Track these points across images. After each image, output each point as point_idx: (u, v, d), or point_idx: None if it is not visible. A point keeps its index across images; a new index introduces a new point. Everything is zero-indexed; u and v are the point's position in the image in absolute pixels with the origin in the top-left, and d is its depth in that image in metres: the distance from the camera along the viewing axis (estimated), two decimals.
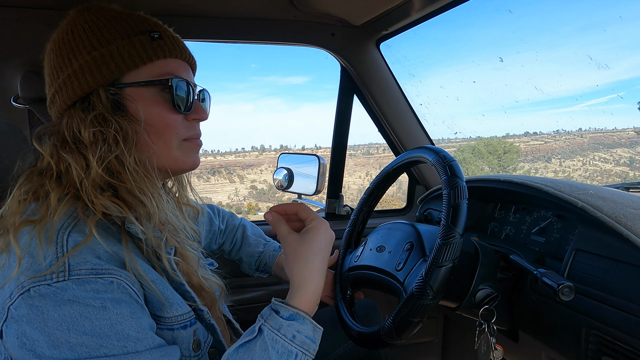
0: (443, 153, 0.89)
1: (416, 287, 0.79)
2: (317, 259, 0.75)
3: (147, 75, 0.72)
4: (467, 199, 0.81)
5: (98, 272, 0.58)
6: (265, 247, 1.25)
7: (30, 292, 0.54)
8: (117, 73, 0.69)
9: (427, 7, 1.27)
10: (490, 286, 0.92)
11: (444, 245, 0.78)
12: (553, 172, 8.09)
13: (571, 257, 0.88)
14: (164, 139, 0.73)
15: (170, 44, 0.74)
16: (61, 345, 0.54)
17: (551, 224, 1.03)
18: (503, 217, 1.21)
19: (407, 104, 1.65)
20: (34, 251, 0.57)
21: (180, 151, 0.76)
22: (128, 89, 0.71)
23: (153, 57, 0.71)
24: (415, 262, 0.90)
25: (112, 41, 0.70)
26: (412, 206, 1.82)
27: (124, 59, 0.69)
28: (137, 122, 0.70)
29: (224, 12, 1.33)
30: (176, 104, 0.73)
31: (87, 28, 0.70)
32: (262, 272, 1.26)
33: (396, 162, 1.09)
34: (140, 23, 0.73)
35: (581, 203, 0.88)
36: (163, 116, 0.72)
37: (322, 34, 1.47)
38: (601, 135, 7.09)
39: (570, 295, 0.76)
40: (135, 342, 0.58)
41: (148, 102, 0.71)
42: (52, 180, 0.66)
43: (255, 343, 0.67)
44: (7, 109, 1.24)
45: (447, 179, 0.84)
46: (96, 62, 0.69)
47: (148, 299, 0.65)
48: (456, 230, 0.78)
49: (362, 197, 1.17)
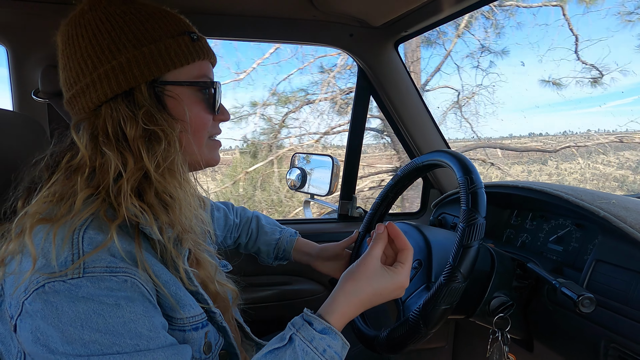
0: (472, 174, 0.83)
1: (412, 317, 0.78)
2: (373, 299, 0.75)
3: (186, 75, 0.72)
4: (481, 241, 0.77)
5: (112, 271, 0.57)
6: (281, 234, 1.25)
7: (45, 287, 0.54)
8: (164, 70, 0.69)
9: (449, 9, 1.25)
10: (506, 294, 0.90)
11: (445, 286, 0.75)
12: (547, 174, 7.92)
13: (591, 268, 0.86)
14: (198, 137, 0.75)
15: (206, 47, 0.76)
16: (74, 342, 0.54)
17: (570, 233, 1.01)
18: (519, 224, 1.19)
19: (424, 106, 1.63)
20: (49, 249, 0.57)
21: (208, 149, 0.79)
22: (170, 87, 0.71)
23: (195, 57, 0.73)
24: (418, 286, 0.88)
25: (159, 39, 0.69)
26: (426, 210, 1.81)
27: (171, 57, 0.70)
28: (177, 121, 0.70)
29: (243, 10, 1.33)
30: (212, 105, 0.76)
31: (128, 20, 0.68)
32: (281, 260, 1.26)
33: (427, 159, 1.04)
34: (180, 23, 0.74)
35: (603, 212, 0.86)
36: (201, 116, 0.74)
37: (340, 34, 1.47)
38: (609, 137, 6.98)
39: (591, 307, 0.74)
40: (148, 341, 0.58)
41: (188, 101, 0.72)
42: (82, 178, 0.64)
43: (284, 351, 0.67)
44: (28, 103, 1.26)
45: (466, 211, 0.79)
46: (145, 58, 0.68)
47: (160, 299, 0.65)
48: (461, 273, 0.75)
49: (388, 182, 1.16)
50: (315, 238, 1.59)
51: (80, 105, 0.69)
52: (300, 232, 1.27)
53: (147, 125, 0.66)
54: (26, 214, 0.62)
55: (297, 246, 1.23)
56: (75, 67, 0.68)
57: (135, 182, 0.65)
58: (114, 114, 0.67)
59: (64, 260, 0.56)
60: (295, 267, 1.55)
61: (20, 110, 1.26)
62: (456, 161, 0.89)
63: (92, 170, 0.65)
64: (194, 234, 0.75)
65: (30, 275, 0.55)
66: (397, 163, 5.94)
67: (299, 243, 1.24)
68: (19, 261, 0.59)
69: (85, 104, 0.68)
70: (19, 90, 1.26)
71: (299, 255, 1.23)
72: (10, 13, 1.19)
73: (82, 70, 0.68)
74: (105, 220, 0.61)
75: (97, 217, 0.61)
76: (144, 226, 0.65)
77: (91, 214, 0.61)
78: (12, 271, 0.59)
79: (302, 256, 1.23)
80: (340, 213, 1.74)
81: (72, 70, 0.69)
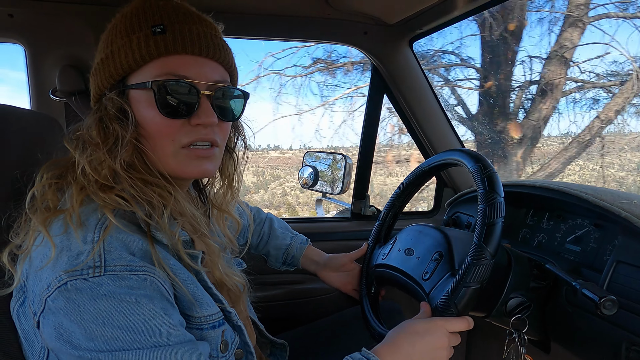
0: (483, 161, 0.85)
1: (441, 303, 0.78)
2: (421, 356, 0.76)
3: (147, 76, 0.67)
4: (504, 218, 0.77)
5: (132, 269, 0.58)
6: (292, 240, 1.24)
7: (67, 285, 0.55)
8: (119, 74, 0.68)
9: (465, 6, 1.24)
10: (523, 295, 0.89)
11: (473, 265, 0.75)
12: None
13: (611, 269, 0.84)
14: (160, 144, 0.69)
15: (173, 39, 0.66)
16: (96, 339, 0.55)
17: (588, 233, 0.99)
18: (536, 223, 1.18)
19: (438, 104, 1.62)
20: (70, 247, 0.58)
21: (177, 159, 0.69)
22: (131, 91, 0.69)
23: (153, 54, 0.66)
24: (442, 275, 0.87)
25: (114, 40, 0.68)
26: (439, 209, 1.79)
27: (121, 59, 0.67)
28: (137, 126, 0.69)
29: (258, 8, 1.33)
30: (164, 109, 0.66)
31: (109, 28, 0.72)
32: (289, 266, 1.25)
33: (433, 161, 1.05)
34: (149, 17, 0.67)
35: (624, 213, 0.84)
36: (156, 122, 0.67)
37: (354, 32, 1.46)
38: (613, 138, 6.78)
39: (613, 310, 0.73)
40: (167, 337, 0.59)
41: (143, 105, 0.68)
42: (73, 174, 0.67)
43: None
44: (46, 102, 1.27)
45: (484, 193, 0.80)
46: (103, 64, 0.69)
47: (178, 297, 0.66)
48: (488, 251, 0.75)
49: (394, 191, 1.15)
50: (328, 236, 1.60)
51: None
52: (312, 230, 1.27)
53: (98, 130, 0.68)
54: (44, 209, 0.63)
55: (306, 253, 1.22)
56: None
57: (104, 179, 0.65)
58: (88, 120, 0.70)
59: (85, 259, 0.57)
60: None
61: (38, 109, 1.28)
62: (464, 154, 0.90)
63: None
64: (194, 221, 0.73)
65: (52, 271, 0.56)
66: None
67: (308, 251, 1.23)
68: (40, 258, 0.60)
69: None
70: (37, 89, 1.28)
71: (307, 263, 1.22)
72: (28, 13, 1.21)
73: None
74: (102, 204, 0.63)
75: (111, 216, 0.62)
76: (154, 232, 0.66)
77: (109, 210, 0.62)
78: (34, 268, 0.60)
79: (310, 264, 1.22)
80: (353, 212, 1.74)
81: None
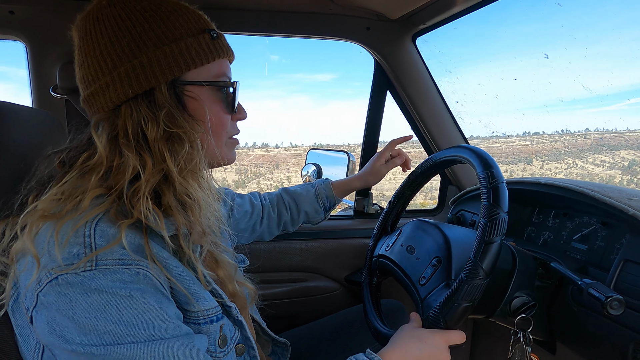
0: (493, 169, 0.81)
1: (431, 315, 0.77)
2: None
3: (206, 75, 0.71)
4: (504, 236, 0.75)
5: (124, 263, 0.57)
6: (315, 186, 1.30)
7: (59, 279, 0.55)
8: (184, 70, 0.68)
9: (469, 0, 1.22)
10: (528, 294, 0.87)
11: (466, 283, 0.73)
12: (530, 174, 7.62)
13: (619, 268, 0.83)
14: (218, 137, 0.75)
15: (225, 44, 0.75)
16: (90, 332, 0.55)
17: (595, 231, 0.98)
18: (541, 221, 1.16)
19: (442, 101, 1.60)
20: (61, 242, 0.57)
21: (227, 148, 0.79)
22: (190, 87, 0.70)
23: (216, 56, 0.71)
24: (437, 284, 0.86)
25: (180, 37, 0.68)
26: (444, 207, 1.78)
27: (192, 56, 0.68)
28: (197, 122, 0.70)
29: (259, 5, 1.32)
30: (231, 105, 0.75)
31: (149, 18, 0.67)
32: (332, 207, 1.32)
33: (445, 155, 1.02)
34: (201, 20, 0.72)
35: (632, 210, 0.82)
36: (220, 116, 0.74)
37: (357, 27, 1.44)
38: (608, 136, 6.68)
39: (620, 309, 0.71)
40: (162, 331, 0.58)
41: (208, 101, 0.71)
42: (96, 177, 0.63)
43: None
44: (46, 99, 1.27)
45: (487, 206, 0.77)
46: (166, 57, 0.66)
47: (174, 291, 0.65)
48: (483, 270, 0.73)
49: (405, 179, 1.14)
50: (331, 234, 1.59)
51: (99, 104, 0.67)
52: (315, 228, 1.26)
53: (168, 127, 0.65)
54: (35, 209, 0.61)
55: (335, 186, 1.30)
56: (94, 65, 0.67)
57: (153, 184, 0.64)
58: (134, 115, 0.65)
59: (76, 253, 0.56)
60: (310, 264, 1.55)
61: (38, 107, 1.28)
62: (476, 156, 0.87)
63: (107, 170, 0.64)
64: (213, 235, 0.74)
65: (43, 268, 0.56)
66: None
67: (335, 184, 1.30)
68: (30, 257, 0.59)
69: (104, 102, 0.67)
70: (38, 86, 1.27)
71: (342, 194, 1.31)
72: (29, 10, 1.21)
73: (101, 69, 0.66)
74: (116, 219, 0.60)
75: (108, 215, 0.61)
76: (157, 230, 0.64)
77: (101, 212, 0.60)
78: (24, 268, 0.59)
79: (346, 192, 1.32)
80: (356, 210, 1.73)
81: (91, 68, 0.67)
